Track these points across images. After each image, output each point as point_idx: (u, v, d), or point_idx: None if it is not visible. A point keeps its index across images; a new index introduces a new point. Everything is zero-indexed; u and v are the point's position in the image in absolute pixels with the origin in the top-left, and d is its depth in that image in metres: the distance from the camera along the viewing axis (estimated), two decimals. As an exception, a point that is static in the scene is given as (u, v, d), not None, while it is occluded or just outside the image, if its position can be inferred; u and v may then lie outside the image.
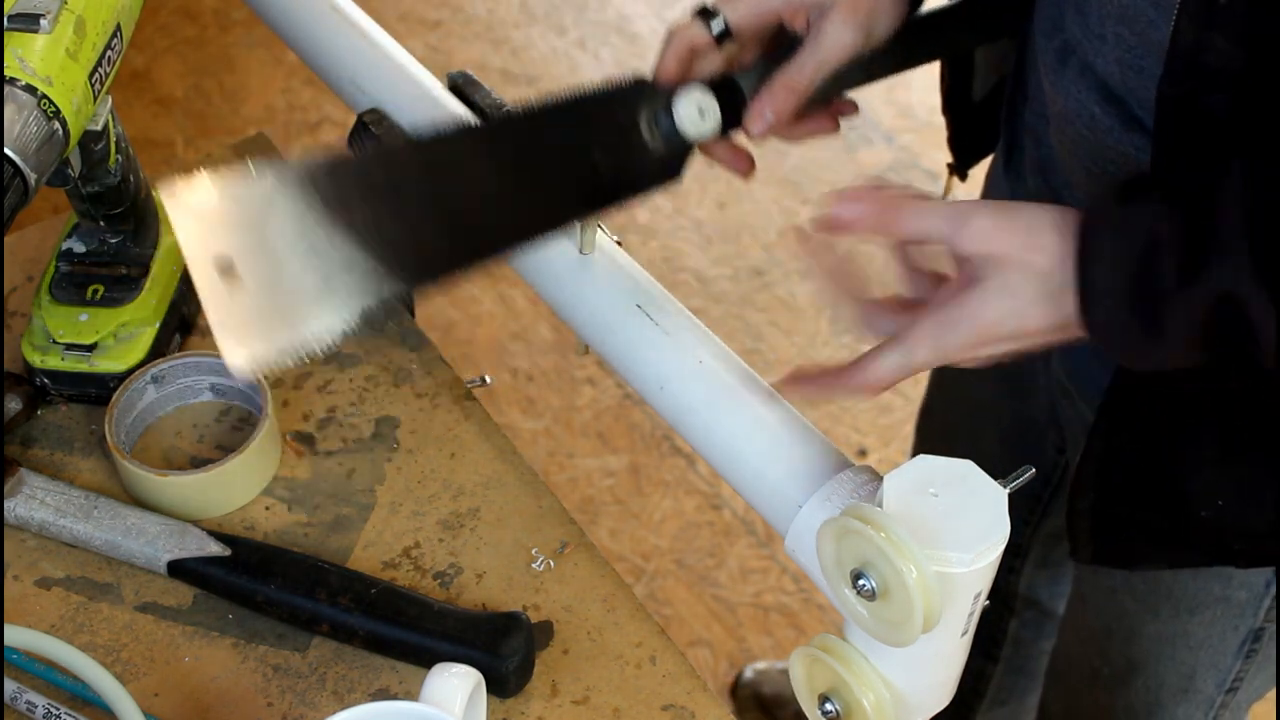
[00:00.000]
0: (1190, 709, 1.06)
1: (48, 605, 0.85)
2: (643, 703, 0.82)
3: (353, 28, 1.00)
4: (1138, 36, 0.77)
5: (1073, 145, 0.86)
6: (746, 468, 0.77)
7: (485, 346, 2.11)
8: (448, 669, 0.72)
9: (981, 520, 0.67)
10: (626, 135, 0.79)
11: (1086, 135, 0.83)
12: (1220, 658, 1.01)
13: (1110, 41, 0.79)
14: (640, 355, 0.82)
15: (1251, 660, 1.01)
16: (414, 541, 0.88)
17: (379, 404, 0.95)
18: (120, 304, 0.93)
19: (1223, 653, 1.01)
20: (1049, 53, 0.86)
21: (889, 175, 2.36)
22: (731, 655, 1.79)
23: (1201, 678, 1.03)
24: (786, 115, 0.80)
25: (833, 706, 0.72)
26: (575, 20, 2.63)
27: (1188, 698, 1.05)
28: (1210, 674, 1.03)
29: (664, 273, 2.20)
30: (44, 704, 0.79)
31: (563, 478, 1.95)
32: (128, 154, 0.92)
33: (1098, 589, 1.05)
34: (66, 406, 0.94)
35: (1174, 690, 1.05)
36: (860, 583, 0.66)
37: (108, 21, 0.81)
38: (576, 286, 0.85)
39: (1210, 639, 1.00)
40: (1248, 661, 1.02)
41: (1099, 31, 0.80)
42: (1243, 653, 1.01)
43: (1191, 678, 1.03)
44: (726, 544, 1.89)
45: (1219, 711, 1.06)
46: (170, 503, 0.88)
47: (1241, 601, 0.97)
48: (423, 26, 2.60)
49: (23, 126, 0.75)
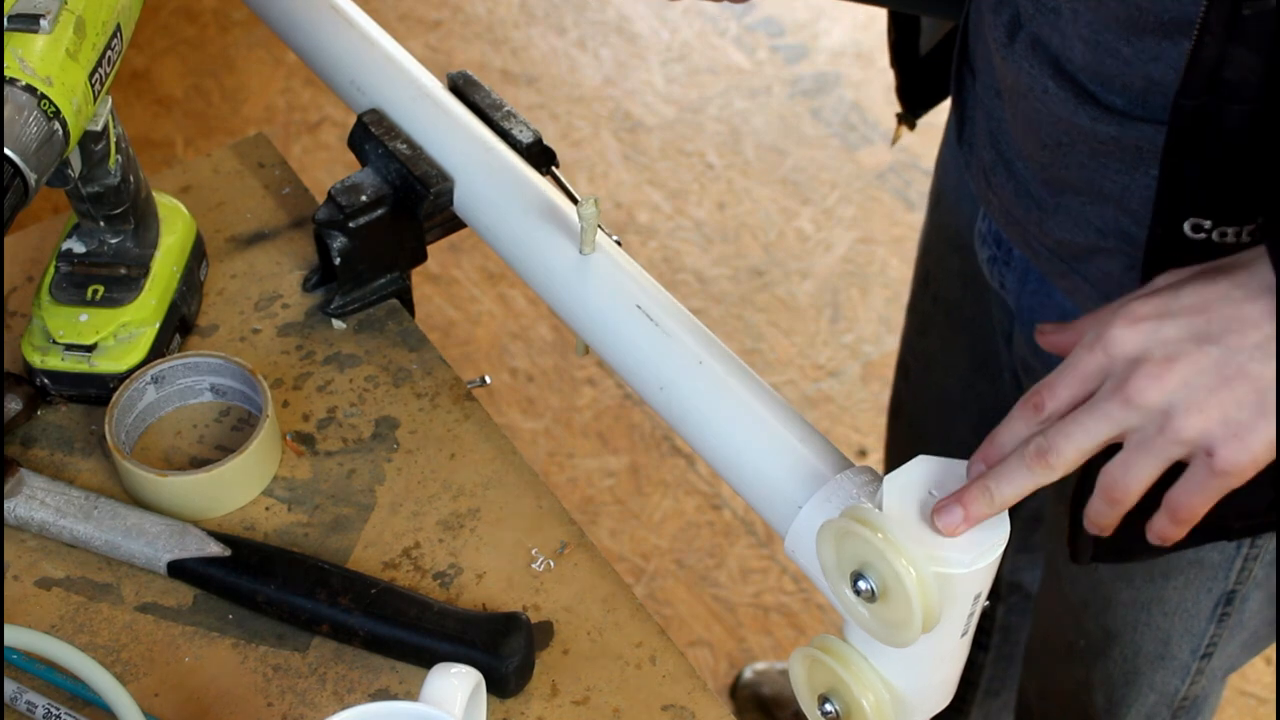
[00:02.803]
0: (1167, 675, 1.06)
1: (48, 605, 0.85)
2: (643, 703, 0.82)
3: (353, 28, 1.00)
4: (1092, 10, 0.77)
5: (1025, 119, 0.85)
6: (746, 468, 0.77)
7: (485, 346, 2.11)
8: (448, 669, 0.72)
9: (981, 521, 0.67)
10: None
11: (1039, 109, 0.83)
12: (1194, 622, 1.02)
13: (1065, 15, 0.79)
14: (640, 355, 0.82)
15: (1224, 624, 1.02)
16: (414, 542, 0.88)
17: (379, 404, 0.95)
18: (120, 304, 0.93)
19: (1197, 616, 1.02)
20: (997, 27, 0.86)
21: (889, 175, 2.37)
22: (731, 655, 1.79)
23: (1177, 643, 1.04)
24: None
25: (832, 707, 0.72)
26: (575, 20, 2.63)
27: (1164, 664, 1.06)
28: (1185, 639, 1.03)
29: (664, 273, 2.20)
30: (44, 704, 0.79)
31: (563, 478, 1.95)
32: (128, 154, 0.92)
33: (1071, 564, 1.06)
34: (66, 406, 0.94)
35: (1150, 657, 1.06)
36: (860, 584, 0.66)
37: (108, 21, 0.81)
38: (576, 286, 0.85)
39: (1184, 603, 1.01)
40: (1220, 625, 1.02)
41: (1051, 4, 0.80)
42: (1216, 616, 1.01)
43: (1167, 643, 1.04)
44: (726, 544, 1.89)
45: (1194, 678, 1.07)
46: (170, 503, 0.88)
47: (1214, 564, 0.98)
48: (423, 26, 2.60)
49: (23, 126, 0.75)
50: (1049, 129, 0.83)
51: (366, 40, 0.99)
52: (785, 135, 2.42)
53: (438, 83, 0.97)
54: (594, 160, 2.37)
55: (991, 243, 0.99)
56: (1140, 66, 0.77)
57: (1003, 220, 0.95)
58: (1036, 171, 0.88)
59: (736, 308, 2.17)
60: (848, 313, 2.17)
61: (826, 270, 2.22)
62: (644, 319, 0.82)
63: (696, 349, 0.80)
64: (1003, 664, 1.35)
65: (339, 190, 0.94)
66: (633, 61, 2.55)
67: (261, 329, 0.98)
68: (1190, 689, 1.08)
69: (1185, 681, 1.07)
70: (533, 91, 2.49)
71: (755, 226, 2.28)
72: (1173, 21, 0.73)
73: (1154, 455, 0.64)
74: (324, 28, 1.00)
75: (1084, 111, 0.80)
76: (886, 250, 2.26)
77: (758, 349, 2.11)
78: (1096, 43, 0.77)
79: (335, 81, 1.00)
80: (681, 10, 2.63)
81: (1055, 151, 0.84)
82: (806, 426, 0.77)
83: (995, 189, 0.94)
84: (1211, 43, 0.69)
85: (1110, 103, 0.80)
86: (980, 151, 0.95)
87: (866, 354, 2.11)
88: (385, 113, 0.96)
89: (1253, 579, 0.99)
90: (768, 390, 0.79)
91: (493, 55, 2.56)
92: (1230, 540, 0.94)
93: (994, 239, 0.98)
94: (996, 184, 0.93)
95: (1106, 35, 0.77)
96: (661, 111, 2.44)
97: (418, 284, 1.03)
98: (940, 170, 1.11)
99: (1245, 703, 1.77)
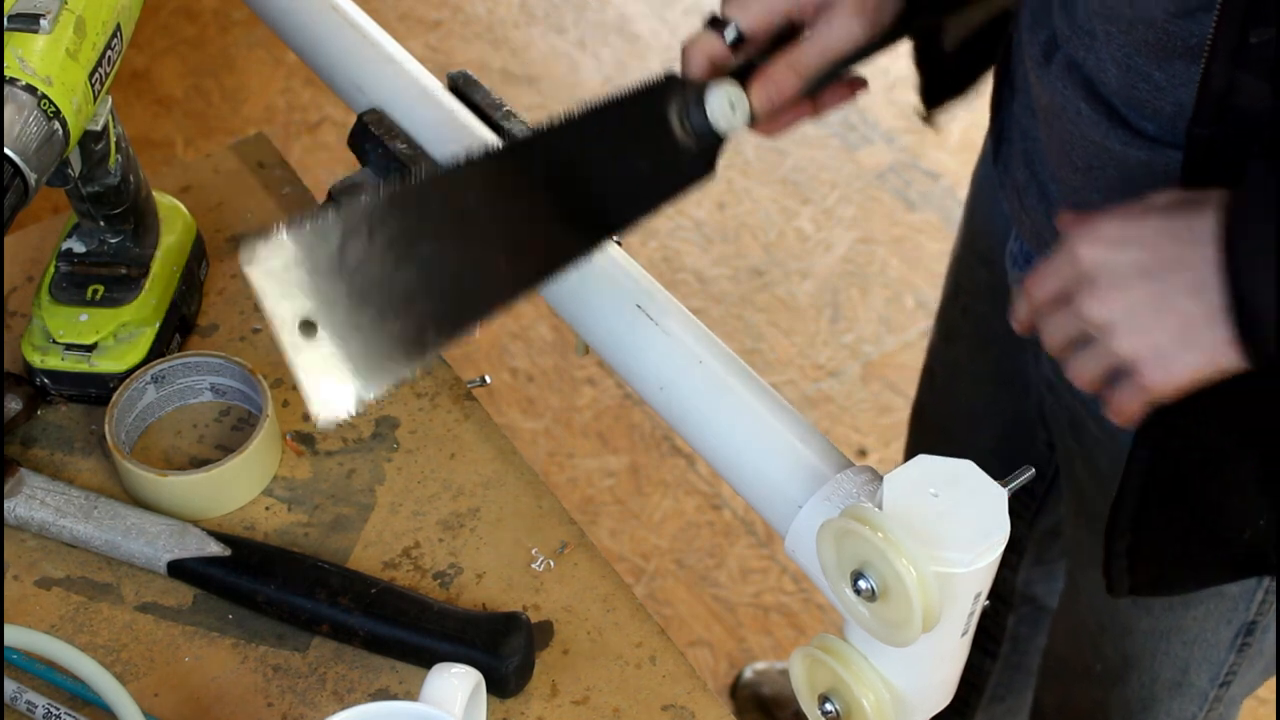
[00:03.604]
0: (1184, 703, 1.06)
1: (48, 605, 0.85)
2: (643, 703, 0.82)
3: (353, 28, 1.00)
4: (1124, 34, 0.77)
5: (1059, 140, 0.85)
6: (746, 468, 0.77)
7: (485, 346, 2.11)
8: (448, 669, 0.72)
9: (981, 520, 0.67)
10: (661, 134, 0.79)
11: (1072, 130, 0.83)
12: (1214, 651, 1.02)
13: (1100, 38, 0.79)
14: (640, 355, 0.82)
15: (1245, 654, 1.02)
16: (414, 541, 0.88)
17: (379, 404, 0.95)
18: (120, 304, 0.93)
19: (1216, 646, 1.01)
20: (1034, 45, 0.86)
21: (889, 175, 2.37)
22: (731, 655, 1.79)
23: (1195, 672, 1.03)
24: (788, 93, 0.80)
25: (833, 706, 0.72)
26: (575, 20, 2.63)
27: (1182, 692, 1.05)
28: (1204, 668, 1.03)
29: (664, 273, 2.20)
30: (44, 704, 0.79)
31: (563, 478, 1.95)
32: (128, 154, 0.92)
33: (1091, 585, 1.05)
34: (66, 406, 0.94)
35: (1168, 685, 1.05)
36: (860, 583, 0.66)
37: (108, 21, 0.81)
38: (576, 286, 0.85)
39: (1204, 633, 1.00)
40: (1240, 655, 1.02)
41: (1087, 27, 0.80)
42: (1236, 646, 1.01)
43: (1185, 672, 1.04)
44: (726, 544, 1.88)
45: (1212, 705, 1.06)
46: (170, 503, 0.88)
47: (1235, 595, 0.97)
48: (423, 26, 2.60)
49: (23, 126, 0.75)
50: (1081, 151, 0.83)
51: (366, 40, 0.99)
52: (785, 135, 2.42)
53: (438, 83, 0.97)
54: (594, 160, 2.37)
55: (1023, 262, 0.98)
56: (1171, 92, 0.77)
57: (1034, 242, 0.95)
58: (1068, 194, 0.87)
59: (736, 308, 2.17)
60: (848, 313, 2.17)
61: (826, 270, 2.22)
62: (644, 319, 0.82)
63: (696, 349, 0.80)
64: (1010, 672, 1.35)
65: (339, 190, 0.94)
66: (633, 61, 2.55)
67: (261, 329, 0.98)
68: (1208, 715, 1.07)
69: (1203, 709, 1.07)
70: (533, 91, 2.49)
71: (755, 226, 2.28)
72: (1198, 46, 0.73)
73: (1096, 360, 0.73)
74: (324, 28, 1.00)
75: (1115, 135, 0.80)
76: (886, 250, 2.26)
77: (758, 349, 2.11)
78: (1129, 67, 0.78)
79: (335, 81, 1.00)
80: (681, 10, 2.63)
81: (1086, 175, 0.84)
82: (806, 426, 0.77)
83: (1028, 210, 0.93)
84: (1219, 71, 0.71)
85: (1142, 128, 0.80)
86: (1015, 172, 0.94)
87: (866, 354, 2.11)
88: (385, 113, 0.96)
89: (1273, 610, 0.98)
90: (768, 390, 0.79)
91: (493, 55, 2.56)
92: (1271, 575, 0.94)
93: (1025, 259, 0.98)
94: (1029, 205, 0.93)
95: (1138, 60, 0.77)
96: (661, 111, 2.44)
97: (418, 284, 1.03)
98: (975, 186, 1.10)
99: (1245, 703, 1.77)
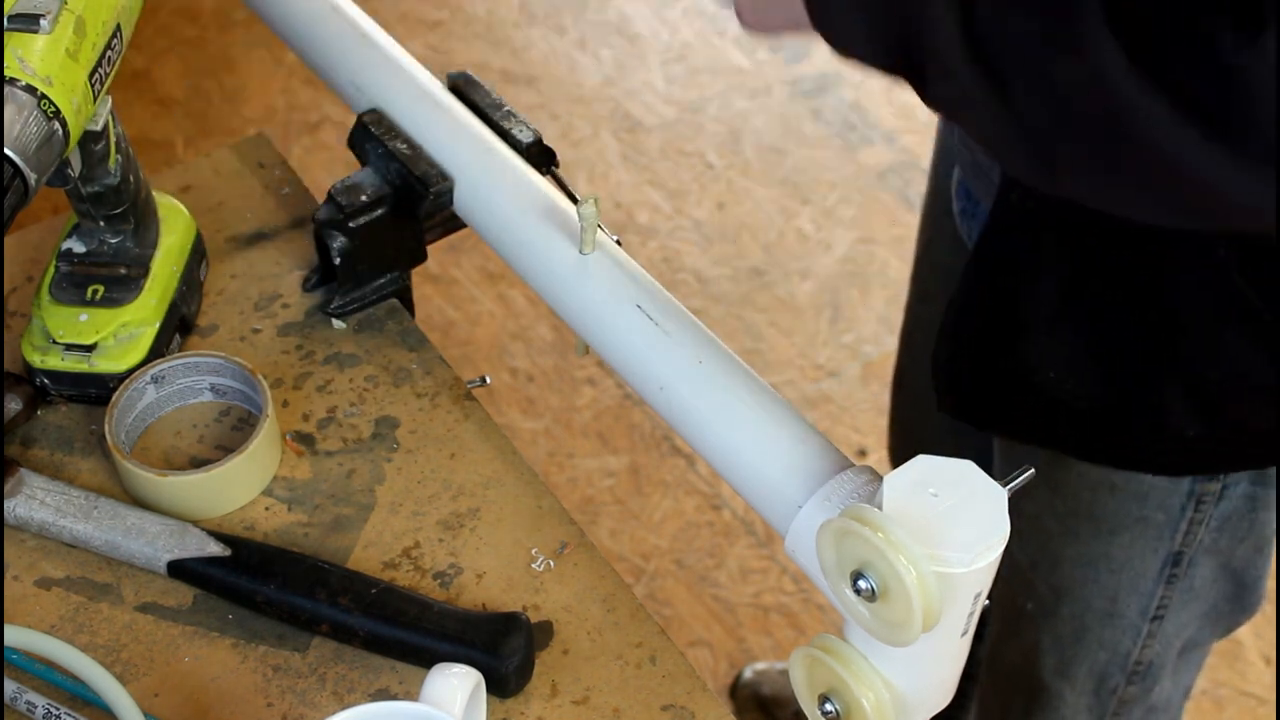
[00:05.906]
0: (1116, 633, 1.07)
1: (48, 605, 0.85)
2: (643, 703, 0.82)
3: (353, 28, 1.00)
4: None
5: None
6: (746, 468, 0.77)
7: (485, 346, 2.11)
8: (448, 669, 0.72)
9: (981, 520, 0.67)
10: None
11: None
12: (1141, 580, 1.04)
13: None
14: (640, 355, 0.82)
15: (1173, 586, 1.04)
16: (414, 541, 0.88)
17: (379, 404, 0.95)
18: (120, 304, 0.93)
19: (1144, 575, 1.03)
20: None
21: (889, 175, 2.37)
22: (731, 655, 1.79)
23: (1124, 601, 1.05)
24: None
25: (833, 707, 0.72)
26: (575, 20, 2.63)
27: (1113, 622, 1.07)
28: (1133, 598, 1.05)
29: (664, 273, 2.20)
30: (44, 704, 0.79)
31: (563, 478, 1.95)
32: (128, 154, 0.92)
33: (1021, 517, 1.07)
34: (66, 406, 0.94)
35: (1099, 614, 1.07)
36: (860, 583, 0.66)
37: (108, 21, 0.81)
38: (576, 286, 0.85)
39: (1131, 560, 1.03)
40: (1170, 587, 1.04)
41: None
42: (1164, 577, 1.03)
43: (1115, 600, 1.05)
44: (726, 544, 1.89)
45: (1146, 640, 1.08)
46: (170, 503, 0.88)
47: (1159, 523, 1.00)
48: (423, 26, 2.61)
49: (23, 126, 0.75)
50: None
51: (366, 40, 0.99)
52: (785, 135, 2.42)
53: (438, 83, 0.97)
54: (594, 160, 2.37)
55: (963, 196, 1.02)
56: None
57: (971, 174, 0.99)
58: None
59: (736, 308, 2.17)
60: (848, 313, 2.17)
61: (826, 270, 2.23)
62: (644, 319, 0.82)
63: (696, 349, 0.80)
64: None
65: (339, 190, 0.94)
66: (633, 62, 2.55)
67: (261, 329, 0.98)
68: (1142, 652, 1.09)
69: (1137, 643, 1.08)
70: (533, 92, 2.49)
71: (755, 226, 2.28)
72: None
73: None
74: (324, 28, 1.00)
75: None
76: (886, 250, 2.26)
77: (757, 349, 2.11)
78: None
79: (335, 81, 1.00)
80: (681, 10, 2.64)
81: None
82: (806, 426, 0.77)
83: (964, 140, 0.98)
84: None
85: None
86: None
87: (866, 354, 2.11)
88: (385, 113, 0.96)
89: (1199, 543, 1.00)
90: (768, 390, 0.79)
91: (493, 55, 2.56)
92: (1068, 453, 0.97)
93: (965, 193, 1.01)
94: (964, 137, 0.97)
95: None
96: (661, 112, 2.44)
97: (418, 284, 1.03)
98: (938, 139, 1.15)
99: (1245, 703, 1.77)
